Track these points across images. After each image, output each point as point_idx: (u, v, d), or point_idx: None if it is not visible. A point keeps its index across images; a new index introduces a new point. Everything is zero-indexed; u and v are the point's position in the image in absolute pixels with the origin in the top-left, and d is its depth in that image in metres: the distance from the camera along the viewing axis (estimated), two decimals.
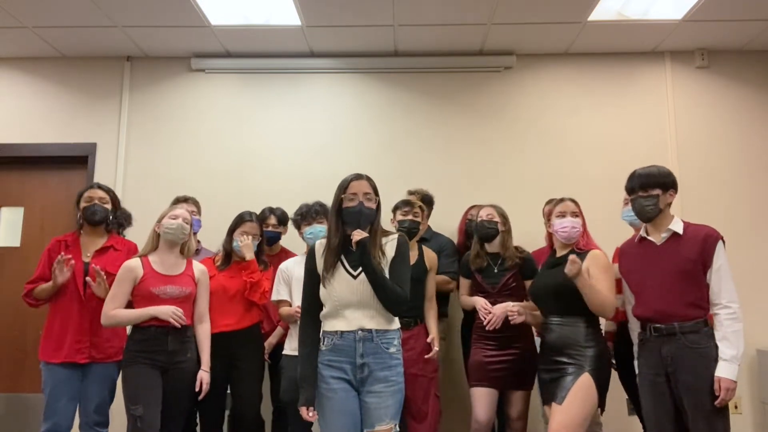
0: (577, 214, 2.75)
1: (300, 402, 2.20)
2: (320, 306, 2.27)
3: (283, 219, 3.54)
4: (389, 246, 2.28)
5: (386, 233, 2.33)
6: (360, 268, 2.20)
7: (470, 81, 4.27)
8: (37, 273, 2.97)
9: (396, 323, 2.29)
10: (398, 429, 2.24)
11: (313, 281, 2.28)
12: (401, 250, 2.28)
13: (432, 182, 3.95)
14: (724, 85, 4.21)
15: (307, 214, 3.08)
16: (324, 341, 2.24)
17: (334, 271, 2.22)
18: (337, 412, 2.16)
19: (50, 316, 2.94)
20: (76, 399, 2.87)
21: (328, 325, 2.24)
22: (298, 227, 3.15)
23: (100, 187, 3.10)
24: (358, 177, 2.28)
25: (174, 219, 2.79)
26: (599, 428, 3.19)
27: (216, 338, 2.90)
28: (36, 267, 3.01)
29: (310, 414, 2.18)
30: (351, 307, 2.20)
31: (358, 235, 2.17)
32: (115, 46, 4.18)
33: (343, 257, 2.25)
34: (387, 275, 2.22)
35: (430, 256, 3.14)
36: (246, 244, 3.02)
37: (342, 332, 2.20)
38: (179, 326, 2.66)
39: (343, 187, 2.27)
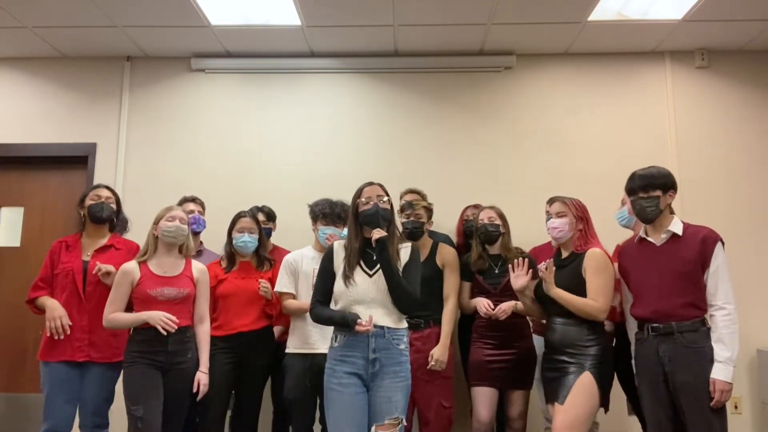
0: (563, 214, 2.72)
1: (351, 322, 2.26)
2: (330, 300, 2.41)
3: (271, 215, 3.59)
4: (404, 252, 2.47)
5: (402, 240, 2.53)
6: (375, 268, 2.36)
7: (470, 81, 4.27)
8: (39, 275, 2.95)
9: (404, 323, 2.43)
10: (405, 424, 2.31)
11: (327, 278, 2.44)
12: (414, 256, 2.47)
13: (432, 182, 3.94)
14: (724, 85, 4.21)
15: (329, 215, 3.02)
16: (336, 338, 2.36)
17: (353, 271, 2.37)
18: (346, 405, 2.26)
19: None
20: (75, 400, 2.86)
21: None
22: (314, 220, 3.09)
23: (106, 187, 3.11)
24: (370, 184, 2.49)
25: (171, 221, 2.79)
26: (596, 428, 3.19)
27: (231, 339, 2.95)
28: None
29: (366, 321, 2.25)
30: (364, 304, 2.33)
31: (377, 233, 2.34)
32: (115, 46, 4.18)
33: (360, 260, 2.41)
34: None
35: (443, 253, 3.08)
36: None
37: None
38: (165, 333, 2.63)
39: (358, 194, 2.47)
